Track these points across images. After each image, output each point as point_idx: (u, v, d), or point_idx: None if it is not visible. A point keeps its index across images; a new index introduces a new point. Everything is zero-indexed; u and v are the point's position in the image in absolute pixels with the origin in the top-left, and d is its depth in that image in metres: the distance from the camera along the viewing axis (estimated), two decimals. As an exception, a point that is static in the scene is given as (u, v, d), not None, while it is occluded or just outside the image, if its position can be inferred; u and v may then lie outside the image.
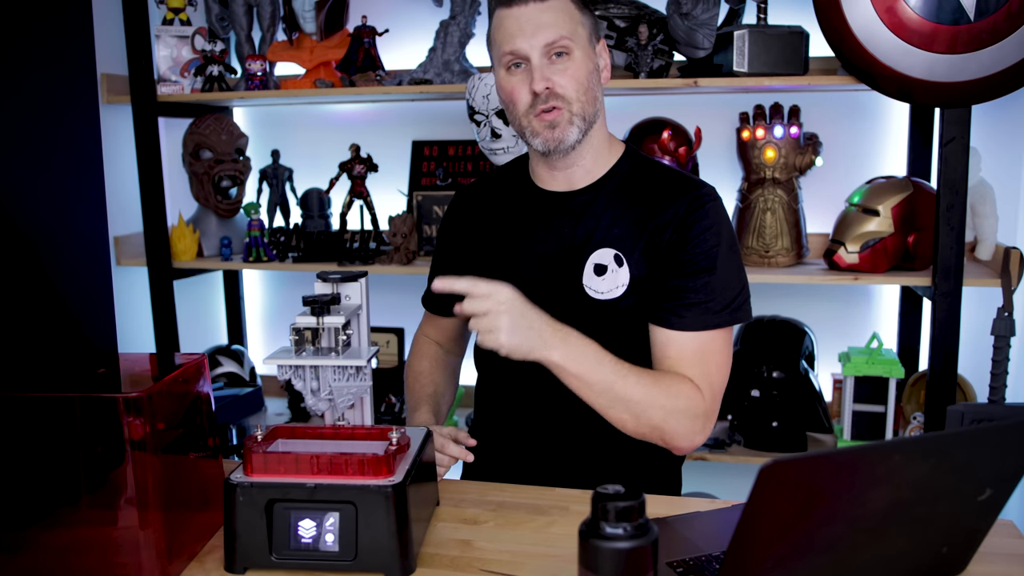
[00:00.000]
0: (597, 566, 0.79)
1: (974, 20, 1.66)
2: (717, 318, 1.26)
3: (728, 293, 1.28)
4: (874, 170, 2.24)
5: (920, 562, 0.92)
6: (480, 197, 1.48)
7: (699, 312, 1.26)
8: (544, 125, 1.28)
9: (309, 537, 1.00)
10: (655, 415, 1.21)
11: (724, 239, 1.29)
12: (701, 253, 1.27)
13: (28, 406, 0.98)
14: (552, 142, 1.29)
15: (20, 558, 1.01)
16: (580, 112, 1.28)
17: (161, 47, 2.34)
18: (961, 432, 0.84)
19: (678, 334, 1.26)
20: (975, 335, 2.04)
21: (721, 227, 1.30)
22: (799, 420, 2.14)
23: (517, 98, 1.30)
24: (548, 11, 1.26)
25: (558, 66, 1.27)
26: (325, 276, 1.15)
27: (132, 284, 2.43)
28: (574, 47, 1.27)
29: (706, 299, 1.26)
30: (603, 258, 1.31)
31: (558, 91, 1.27)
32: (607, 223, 1.32)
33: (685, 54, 2.05)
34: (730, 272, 1.29)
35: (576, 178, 1.36)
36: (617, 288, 1.30)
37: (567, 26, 1.27)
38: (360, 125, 2.58)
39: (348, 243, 2.30)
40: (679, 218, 1.29)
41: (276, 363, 1.07)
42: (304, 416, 2.46)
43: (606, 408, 1.21)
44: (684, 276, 1.27)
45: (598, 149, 1.36)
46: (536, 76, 1.26)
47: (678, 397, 1.22)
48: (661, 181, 1.34)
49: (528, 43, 1.26)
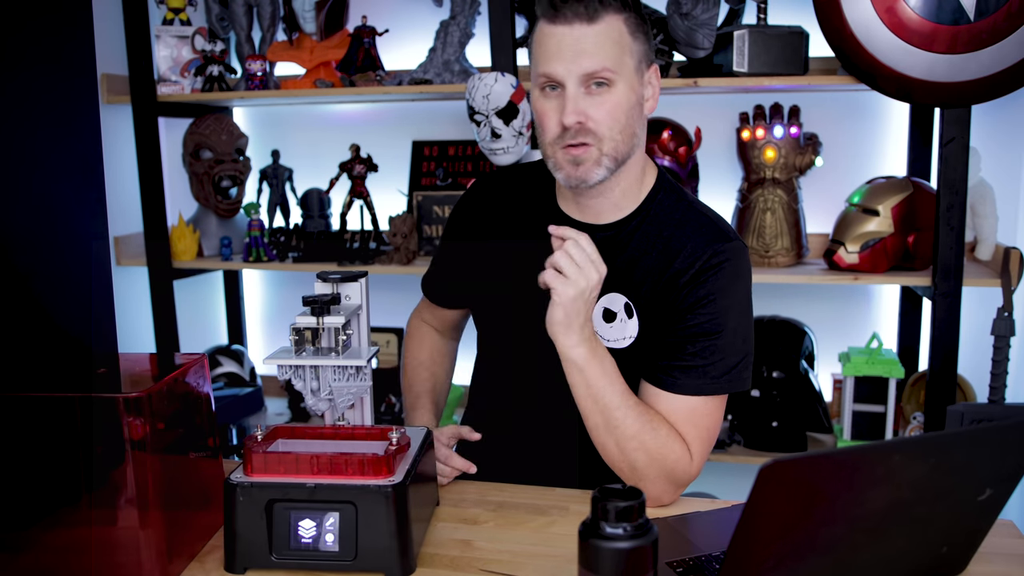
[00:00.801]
0: (597, 566, 0.79)
1: (974, 20, 1.66)
2: (714, 384, 1.20)
3: (729, 360, 1.21)
4: (874, 170, 2.24)
5: (920, 562, 0.92)
6: (500, 196, 1.41)
7: (696, 376, 1.19)
8: (568, 160, 1.20)
9: (309, 537, 1.00)
10: (639, 459, 1.16)
11: (737, 301, 1.22)
12: (708, 315, 1.20)
13: (28, 406, 0.98)
14: (574, 180, 1.21)
15: (20, 558, 1.01)
16: (612, 152, 1.19)
17: (161, 47, 2.34)
18: (961, 432, 0.84)
19: (669, 395, 1.20)
20: (975, 335, 2.04)
21: (736, 289, 1.22)
22: (799, 420, 2.14)
23: (547, 126, 1.21)
24: (594, 36, 1.16)
25: (595, 98, 1.17)
26: (325, 276, 1.14)
27: (132, 284, 2.43)
28: (617, 79, 1.17)
29: (705, 363, 1.19)
30: (614, 303, 1.26)
31: (590, 127, 1.17)
32: (623, 266, 1.25)
33: (685, 54, 2.05)
34: (736, 338, 1.22)
35: (603, 211, 1.28)
36: (625, 339, 1.25)
37: (612, 55, 1.16)
38: (360, 125, 2.58)
39: (348, 243, 2.30)
40: (694, 272, 1.21)
41: (276, 363, 1.07)
42: (304, 416, 2.46)
43: (598, 428, 1.18)
44: (686, 336, 1.20)
45: (629, 183, 1.27)
46: (568, 107, 1.17)
47: (668, 452, 1.17)
48: (686, 227, 1.25)
49: (566, 68, 1.16)
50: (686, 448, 1.19)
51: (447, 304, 1.50)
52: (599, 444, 1.20)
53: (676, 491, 1.21)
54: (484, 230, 1.40)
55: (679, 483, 1.20)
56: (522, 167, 1.45)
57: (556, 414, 1.34)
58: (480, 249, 1.39)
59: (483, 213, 1.41)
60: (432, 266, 1.52)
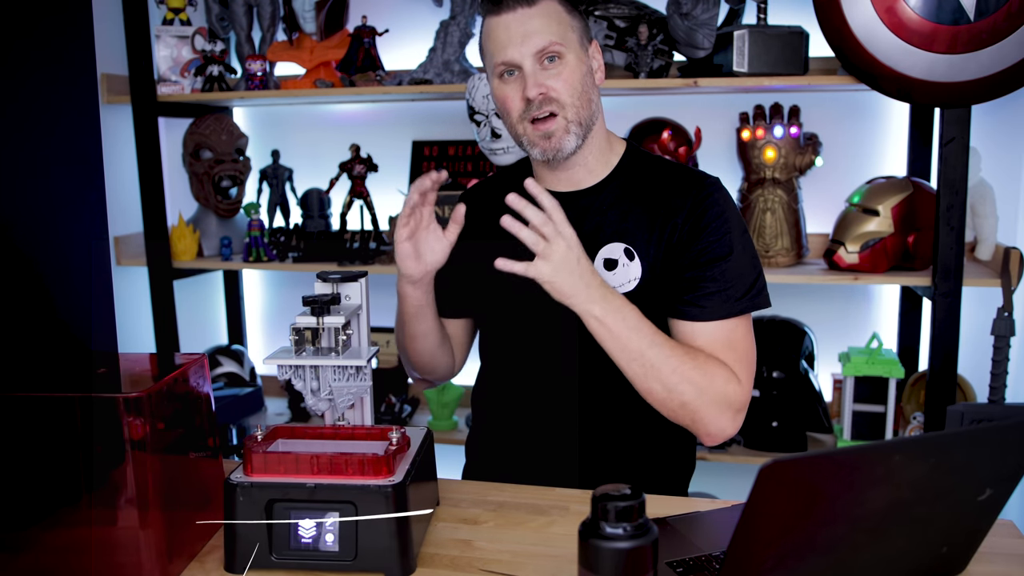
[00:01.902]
0: (597, 566, 0.79)
1: (974, 20, 1.66)
2: (739, 305, 1.26)
3: (746, 279, 1.27)
4: (874, 170, 2.24)
5: (920, 562, 0.92)
6: (483, 199, 1.45)
7: (720, 301, 1.25)
8: (540, 135, 1.27)
9: (309, 537, 1.00)
10: (686, 390, 1.19)
11: (735, 226, 1.29)
12: (715, 241, 1.26)
13: (28, 406, 0.98)
14: (550, 151, 1.28)
15: (20, 558, 1.01)
16: (576, 118, 1.27)
17: (161, 47, 2.34)
18: (961, 432, 0.84)
19: (702, 325, 1.25)
20: (975, 335, 2.04)
21: (731, 214, 1.29)
22: (799, 420, 2.14)
23: (511, 106, 1.28)
24: (537, 16, 1.25)
25: (551, 71, 1.25)
26: (325, 276, 1.14)
27: (132, 284, 2.43)
28: (566, 51, 1.26)
29: (725, 287, 1.25)
30: (613, 252, 1.31)
31: (552, 95, 1.25)
32: (615, 218, 1.32)
33: (685, 54, 2.05)
34: (745, 258, 1.28)
35: (579, 178, 1.35)
36: (630, 282, 1.30)
37: (557, 30, 1.25)
38: (360, 125, 2.58)
39: (348, 243, 2.30)
40: (688, 210, 1.28)
41: (276, 363, 1.07)
42: (304, 416, 2.46)
43: (638, 377, 1.20)
44: (700, 266, 1.26)
45: (599, 150, 1.35)
46: (529, 83, 1.25)
47: (713, 378, 1.21)
48: (666, 175, 1.34)
49: (519, 51, 1.25)
50: (730, 371, 1.23)
51: (445, 313, 1.49)
52: (644, 392, 1.21)
53: (736, 416, 1.23)
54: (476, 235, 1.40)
55: (736, 407, 1.22)
56: (502, 171, 1.51)
57: (557, 414, 1.34)
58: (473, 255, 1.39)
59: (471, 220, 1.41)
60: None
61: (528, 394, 1.36)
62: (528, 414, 1.36)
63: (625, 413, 1.31)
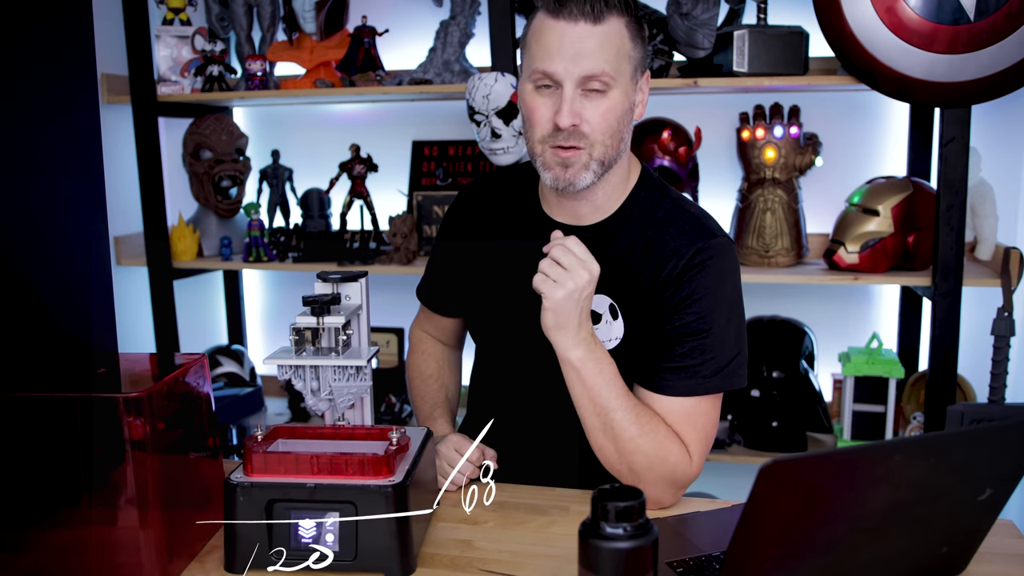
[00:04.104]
0: (597, 566, 0.79)
1: (974, 20, 1.66)
2: (706, 383, 1.18)
3: (721, 358, 1.19)
4: (874, 170, 2.24)
5: (920, 562, 0.92)
6: (485, 200, 1.42)
7: (686, 377, 1.18)
8: (557, 161, 1.18)
9: (309, 537, 1.00)
10: (638, 460, 1.16)
11: (724, 301, 1.20)
12: (694, 315, 1.18)
13: (28, 406, 0.98)
14: (562, 182, 1.20)
15: (20, 558, 1.01)
16: (601, 156, 1.18)
17: (161, 47, 2.34)
18: (961, 432, 0.84)
19: (663, 398, 1.19)
20: (975, 335, 2.04)
21: (723, 287, 1.21)
22: (799, 420, 2.14)
23: (537, 121, 1.19)
24: (597, 37, 1.13)
25: (591, 101, 1.15)
26: (325, 276, 1.14)
27: (132, 284, 2.43)
28: (614, 85, 1.15)
29: (695, 363, 1.18)
30: (598, 305, 1.25)
31: (584, 130, 1.16)
32: (607, 267, 1.23)
33: (685, 54, 2.05)
34: (727, 336, 1.20)
35: (583, 213, 1.27)
36: (610, 341, 1.24)
37: (613, 60, 1.14)
38: (360, 125, 2.58)
39: (348, 243, 2.30)
40: (678, 272, 1.20)
41: (276, 363, 1.07)
42: (304, 416, 2.46)
43: (596, 430, 1.17)
44: (674, 337, 1.19)
45: (611, 187, 1.26)
46: (565, 108, 1.14)
47: (667, 455, 1.16)
48: (669, 225, 1.24)
49: (565, 68, 1.14)
50: (685, 449, 1.18)
51: (445, 312, 1.49)
52: (597, 447, 1.19)
53: (677, 492, 1.20)
54: (474, 236, 1.40)
55: (679, 484, 1.19)
56: (504, 171, 1.45)
57: (556, 414, 1.33)
58: (472, 254, 1.39)
59: (470, 219, 1.42)
60: (426, 274, 1.51)
61: (526, 394, 1.35)
62: (527, 414, 1.36)
63: None
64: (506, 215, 1.37)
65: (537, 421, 1.36)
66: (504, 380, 1.41)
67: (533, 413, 1.35)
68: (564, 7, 1.13)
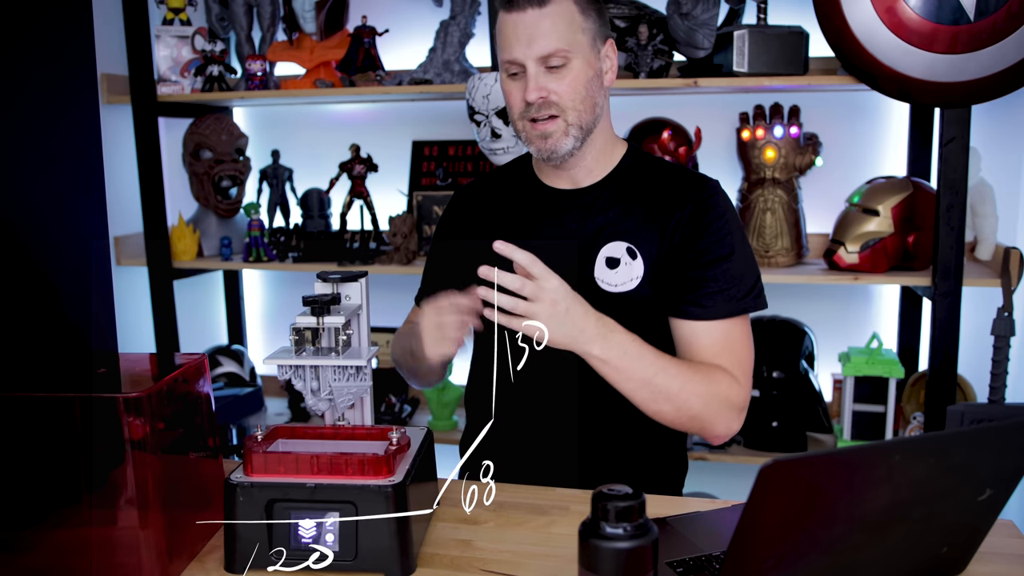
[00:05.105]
0: (597, 566, 0.79)
1: (974, 20, 1.66)
2: (740, 304, 1.28)
3: (747, 280, 1.29)
4: (874, 170, 2.24)
5: (920, 562, 0.92)
6: (482, 196, 1.46)
7: (723, 300, 1.27)
8: (537, 134, 1.29)
9: (309, 537, 1.00)
10: (694, 404, 1.21)
11: (736, 228, 1.31)
12: (717, 242, 1.28)
13: (28, 406, 0.98)
14: (545, 151, 1.30)
15: (20, 558, 1.01)
16: (576, 121, 1.28)
17: (161, 47, 2.34)
18: (961, 432, 0.84)
19: (703, 324, 1.27)
20: (975, 335, 2.04)
21: (731, 216, 1.32)
22: (799, 420, 2.14)
23: (513, 103, 1.31)
24: (547, 18, 1.24)
25: (556, 75, 1.26)
26: (325, 276, 1.14)
27: (132, 284, 2.43)
28: (573, 56, 1.26)
29: (726, 286, 1.27)
30: (615, 251, 1.32)
31: (553, 99, 1.26)
32: (617, 217, 1.33)
33: (685, 54, 2.05)
34: (745, 259, 1.30)
35: (579, 177, 1.36)
36: (632, 280, 1.31)
37: (566, 35, 1.25)
38: (360, 125, 2.58)
39: (348, 243, 2.30)
40: (690, 210, 1.30)
41: (276, 363, 1.07)
42: (304, 416, 2.46)
43: (647, 401, 1.21)
44: (703, 266, 1.28)
45: (600, 150, 1.36)
46: (531, 85, 1.26)
47: (717, 385, 1.23)
48: (667, 176, 1.36)
49: (523, 53, 1.25)
50: (729, 374, 1.25)
51: None
52: (655, 413, 1.23)
53: (739, 416, 1.26)
54: (473, 232, 1.42)
55: (738, 407, 1.25)
56: (494, 170, 1.52)
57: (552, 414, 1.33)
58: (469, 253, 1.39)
59: (468, 216, 1.45)
60: (424, 276, 1.52)
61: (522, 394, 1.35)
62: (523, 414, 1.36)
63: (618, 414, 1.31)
64: (505, 199, 1.43)
65: (533, 422, 1.35)
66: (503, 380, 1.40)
67: (533, 412, 1.35)
68: (513, 1, 1.26)
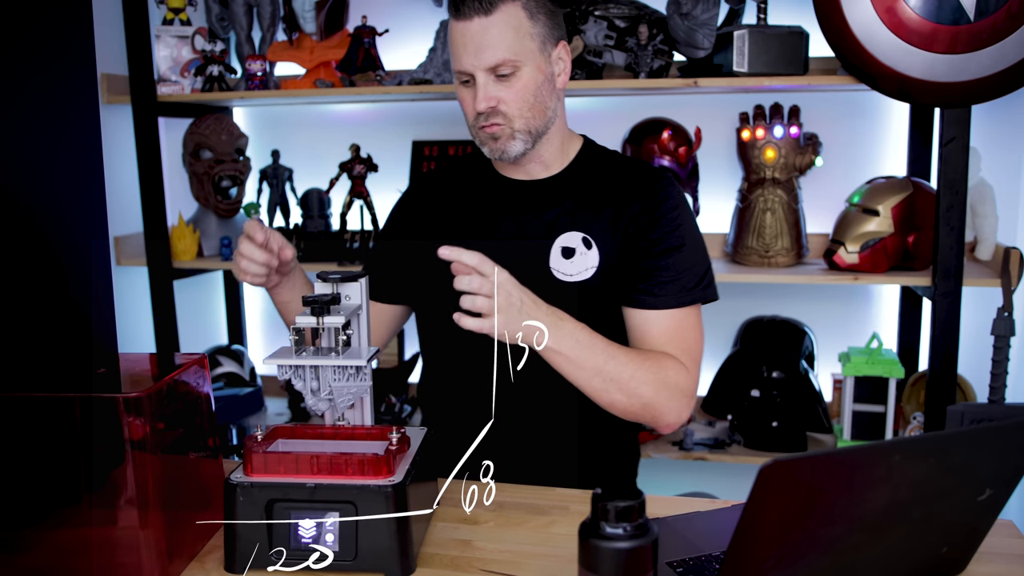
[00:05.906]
0: (597, 566, 0.79)
1: (974, 20, 1.66)
2: (691, 295, 1.31)
3: (697, 270, 1.32)
4: (874, 170, 2.24)
5: (920, 562, 0.92)
6: (439, 185, 1.47)
7: (674, 290, 1.30)
8: (487, 136, 1.31)
9: (309, 537, 1.00)
10: (645, 392, 1.23)
11: (687, 219, 1.34)
12: (669, 233, 1.31)
13: (28, 406, 0.98)
14: (496, 152, 1.32)
15: (20, 558, 1.01)
16: (524, 127, 1.30)
17: (161, 47, 2.34)
18: (961, 432, 0.84)
19: (655, 313, 1.29)
20: (975, 335, 2.04)
21: (683, 208, 1.34)
22: (799, 420, 2.14)
23: (466, 111, 1.33)
24: (494, 27, 1.24)
25: (505, 84, 1.27)
26: (325, 276, 1.14)
27: (132, 284, 2.43)
28: (522, 64, 1.27)
29: (678, 276, 1.30)
30: (570, 241, 1.34)
31: (501, 108, 1.28)
32: (572, 207, 1.35)
33: (685, 54, 2.05)
34: (696, 250, 1.33)
35: (535, 172, 1.39)
36: (587, 270, 1.33)
37: (513, 44, 1.25)
38: (360, 125, 2.58)
39: (348, 243, 2.30)
40: (643, 201, 1.32)
41: (276, 363, 1.07)
42: (304, 416, 2.46)
43: (599, 391, 1.23)
44: (655, 256, 1.31)
45: (557, 148, 1.38)
46: (480, 95, 1.27)
47: (666, 372, 1.25)
48: (622, 169, 1.39)
49: (471, 63, 1.26)
50: (678, 361, 1.27)
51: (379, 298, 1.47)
52: (608, 404, 1.24)
53: (688, 403, 1.28)
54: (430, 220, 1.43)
55: (687, 394, 1.27)
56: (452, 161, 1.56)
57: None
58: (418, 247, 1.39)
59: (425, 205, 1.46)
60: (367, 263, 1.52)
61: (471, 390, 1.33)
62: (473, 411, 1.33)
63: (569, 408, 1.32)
64: (462, 189, 1.45)
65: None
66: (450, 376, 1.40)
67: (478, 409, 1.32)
68: (460, 9, 1.26)
